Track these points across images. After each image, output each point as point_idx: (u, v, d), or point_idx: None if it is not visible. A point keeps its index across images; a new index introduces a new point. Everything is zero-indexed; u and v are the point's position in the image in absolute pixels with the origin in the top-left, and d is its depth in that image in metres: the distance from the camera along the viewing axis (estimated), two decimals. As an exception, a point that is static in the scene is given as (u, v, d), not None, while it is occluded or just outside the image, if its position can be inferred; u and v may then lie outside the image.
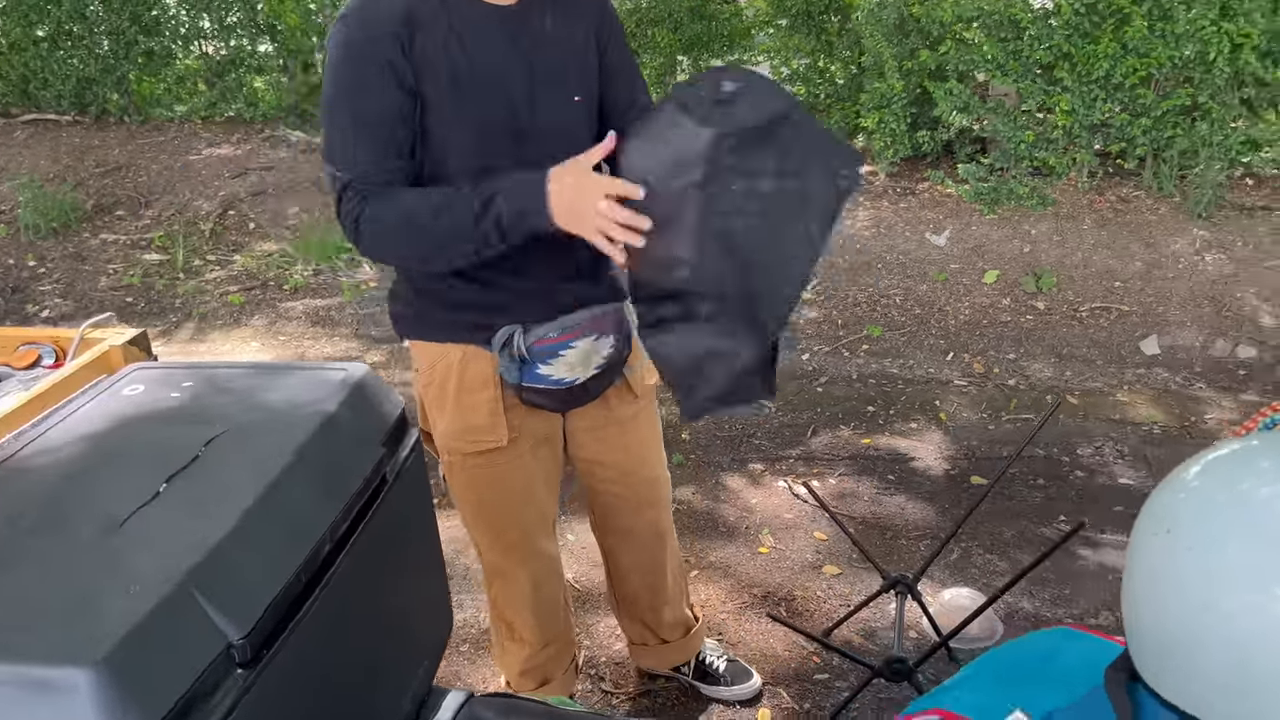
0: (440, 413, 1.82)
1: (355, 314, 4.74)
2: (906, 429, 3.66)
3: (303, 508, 0.99)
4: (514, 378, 1.75)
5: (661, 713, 2.48)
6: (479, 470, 1.87)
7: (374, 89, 1.54)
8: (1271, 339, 4.07)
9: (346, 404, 1.12)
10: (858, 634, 2.70)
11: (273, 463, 1.01)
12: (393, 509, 1.13)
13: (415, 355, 1.85)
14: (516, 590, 2.09)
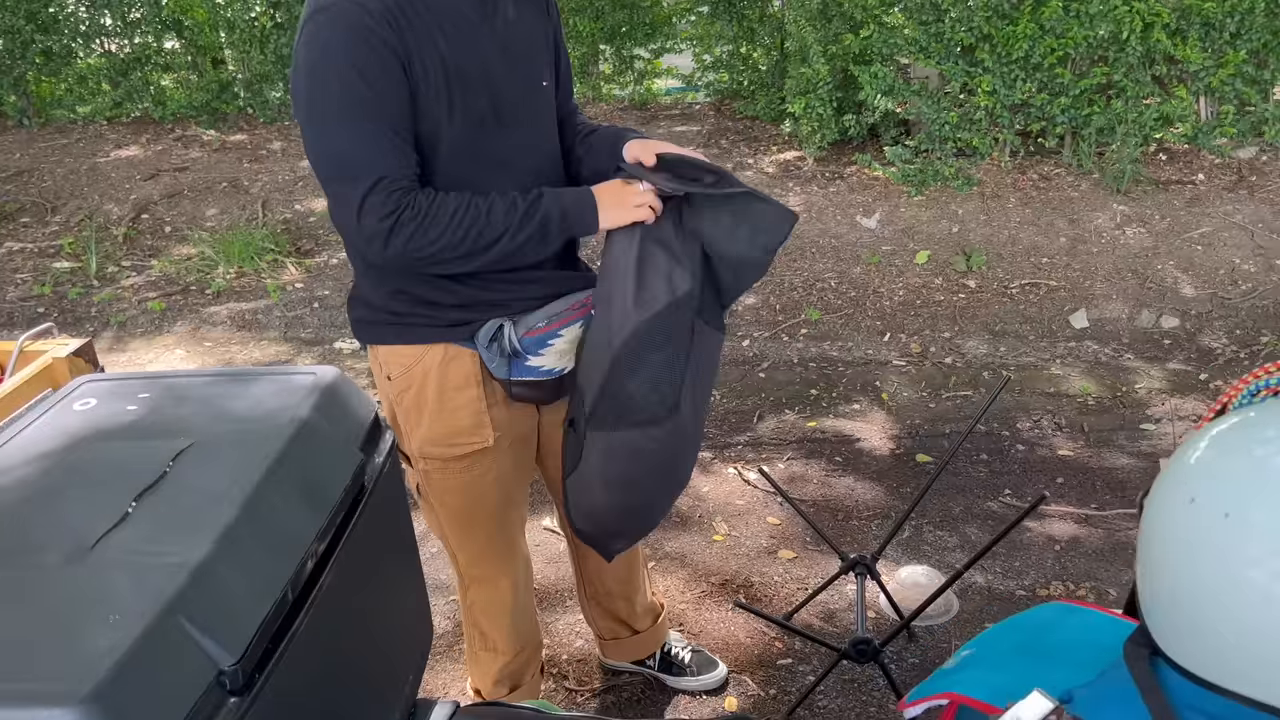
0: (418, 419, 1.76)
1: (283, 316, 4.60)
2: (850, 410, 3.69)
3: (285, 521, 0.94)
4: (503, 372, 1.71)
5: (629, 707, 2.45)
6: (460, 475, 1.81)
7: (385, 81, 1.47)
8: (1193, 309, 4.21)
9: (319, 409, 1.06)
10: (817, 617, 2.71)
11: (248, 475, 0.95)
12: (374, 517, 1.08)
13: (385, 361, 1.76)
14: (497, 597, 2.04)
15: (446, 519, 1.89)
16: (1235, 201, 4.75)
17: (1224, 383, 3.77)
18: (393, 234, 1.50)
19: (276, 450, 0.99)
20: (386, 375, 1.76)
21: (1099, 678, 0.90)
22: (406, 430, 1.78)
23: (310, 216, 5.32)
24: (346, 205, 1.50)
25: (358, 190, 1.48)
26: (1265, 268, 4.36)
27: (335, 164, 1.51)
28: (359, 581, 1.05)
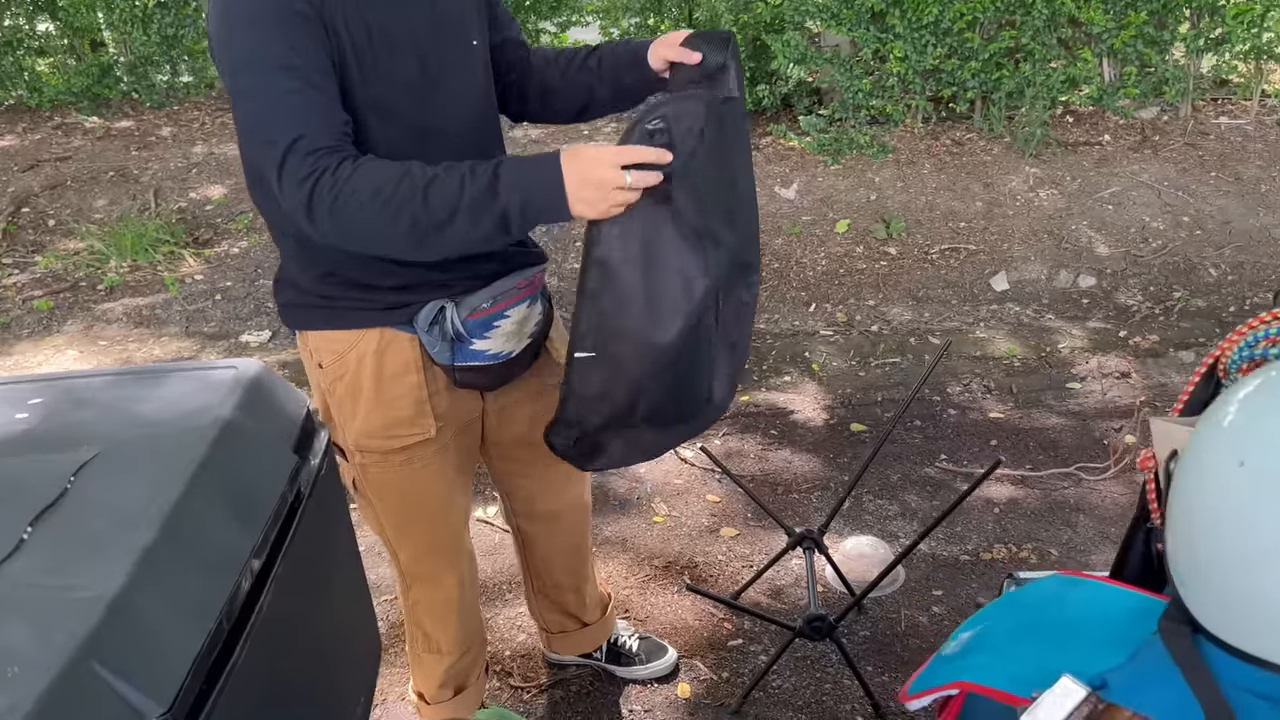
0: (353, 409, 1.62)
1: (184, 311, 4.35)
2: (781, 383, 3.64)
3: (213, 538, 0.81)
4: (445, 358, 1.59)
5: (579, 701, 2.36)
6: (400, 469, 1.68)
7: (304, 41, 1.34)
8: (1108, 267, 4.27)
9: (244, 408, 0.94)
10: (765, 594, 2.65)
11: (167, 487, 0.82)
12: (313, 525, 0.96)
13: (316, 348, 1.62)
14: (442, 596, 1.93)
15: (386, 515, 1.77)
16: (1141, 161, 4.84)
17: (1142, 339, 3.83)
18: (313, 201, 1.29)
19: (198, 457, 0.86)
20: (318, 363, 1.62)
21: (1131, 659, 0.83)
22: (340, 422, 1.64)
23: (207, 205, 5.04)
24: (269, 172, 1.33)
25: (275, 152, 1.31)
26: (1173, 225, 4.45)
27: (252, 125, 1.35)
28: (302, 600, 0.93)
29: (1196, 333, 3.87)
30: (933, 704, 1.03)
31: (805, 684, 2.39)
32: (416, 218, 1.31)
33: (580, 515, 2.11)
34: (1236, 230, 4.38)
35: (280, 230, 1.57)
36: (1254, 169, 4.74)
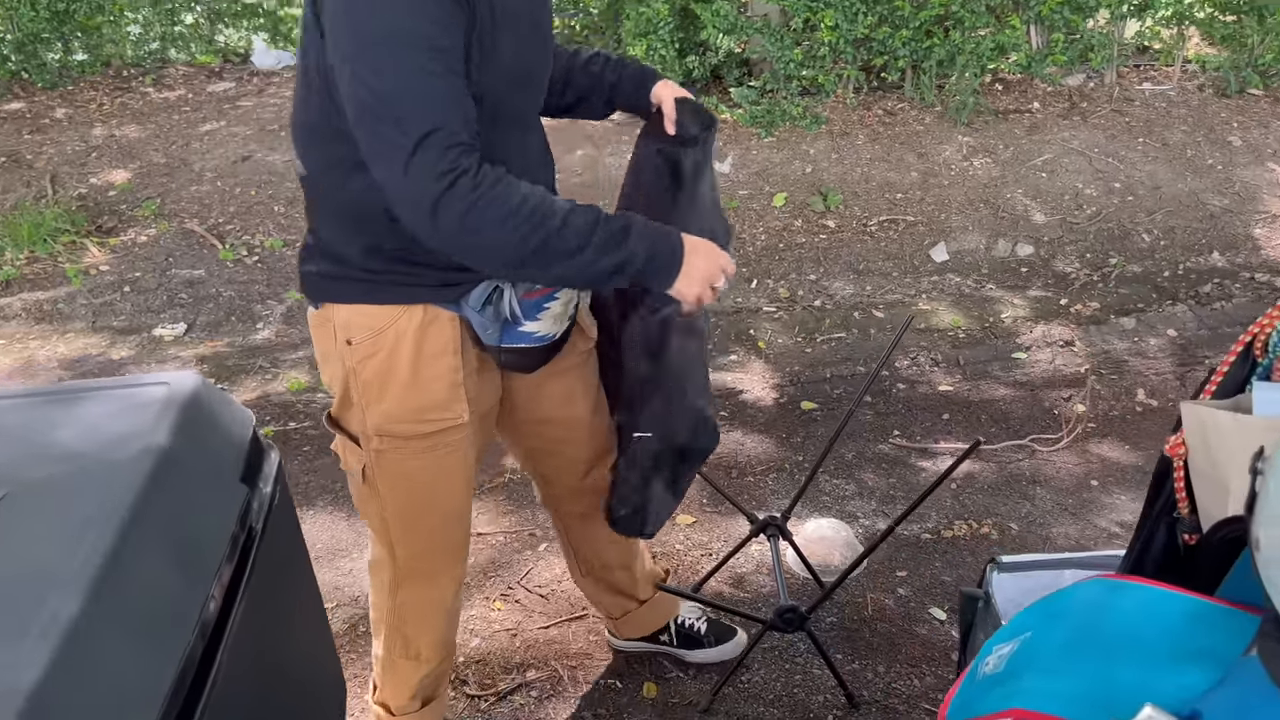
0: (381, 390, 1.54)
1: (89, 304, 4.08)
2: (729, 362, 3.55)
3: (157, 597, 0.67)
4: (494, 339, 1.56)
5: (540, 707, 2.24)
6: (421, 456, 1.60)
7: (452, 21, 1.26)
8: (1045, 235, 4.27)
9: (181, 431, 0.79)
10: (726, 583, 2.56)
11: (94, 538, 0.67)
12: (269, 566, 0.82)
13: (347, 323, 1.52)
14: (435, 596, 1.83)
15: (396, 506, 1.67)
16: (1070, 128, 4.85)
17: (1083, 306, 3.83)
18: (444, 200, 1.25)
19: (129, 497, 0.71)
20: (346, 339, 1.53)
21: (1223, 684, 0.74)
22: (362, 403, 1.56)
23: (110, 191, 4.74)
24: (390, 157, 1.25)
25: (406, 139, 1.23)
26: (1105, 191, 4.47)
27: (378, 101, 1.25)
28: (262, 654, 0.79)
29: (1134, 298, 3.89)
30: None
31: (775, 676, 2.31)
32: (548, 241, 1.32)
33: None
34: (1166, 195, 4.42)
35: (328, 196, 1.48)
36: (1179, 134, 4.79)
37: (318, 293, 1.55)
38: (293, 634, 0.92)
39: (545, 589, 2.57)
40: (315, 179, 1.49)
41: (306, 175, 1.49)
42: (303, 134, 1.46)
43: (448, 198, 1.25)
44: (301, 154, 1.48)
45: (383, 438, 1.58)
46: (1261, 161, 4.62)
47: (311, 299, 1.57)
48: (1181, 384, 3.40)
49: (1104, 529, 2.76)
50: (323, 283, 1.54)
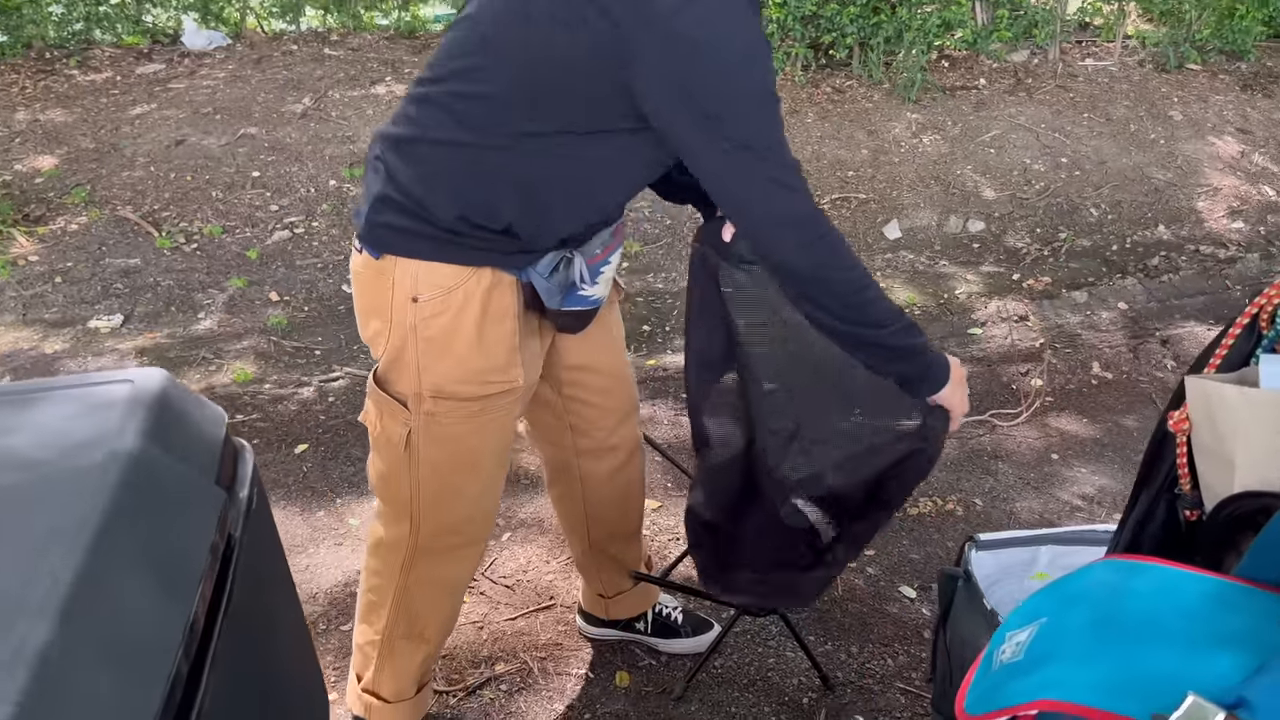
0: (444, 349, 1.56)
1: (19, 296, 3.90)
2: (683, 345, 3.50)
3: (136, 617, 0.60)
4: (556, 302, 1.61)
5: (511, 700, 2.19)
6: (471, 420, 1.62)
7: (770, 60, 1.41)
8: (995, 211, 4.29)
9: (151, 434, 0.72)
10: (694, 567, 2.52)
11: (62, 556, 0.61)
12: (251, 576, 0.76)
13: (418, 279, 1.55)
14: (454, 572, 1.82)
15: (434, 473, 1.67)
16: (1017, 104, 4.88)
17: (1035, 281, 3.86)
18: (824, 236, 1.43)
19: (98, 508, 0.64)
20: (412, 296, 1.55)
21: (1263, 669, 0.72)
22: (420, 364, 1.58)
23: (36, 178, 4.54)
24: (776, 190, 1.40)
25: (790, 173, 1.41)
26: (1053, 166, 4.50)
27: (764, 146, 1.38)
28: (248, 672, 0.73)
29: (1085, 273, 3.93)
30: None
31: (748, 660, 2.29)
32: (878, 300, 1.50)
33: (637, 452, 2.07)
34: (1112, 170, 4.47)
35: (468, 163, 1.49)
36: (1122, 109, 4.84)
37: (385, 244, 1.55)
38: (277, 647, 0.86)
39: (511, 579, 2.52)
40: (451, 145, 1.49)
41: (424, 138, 1.51)
42: (460, 102, 1.48)
43: (826, 232, 1.44)
44: (440, 119, 1.49)
45: (437, 399, 1.59)
46: (1202, 135, 4.69)
47: (375, 248, 1.56)
48: (1135, 356, 3.44)
49: (1067, 502, 2.78)
50: (395, 236, 1.54)
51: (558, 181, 1.52)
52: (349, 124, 4.79)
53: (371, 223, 1.55)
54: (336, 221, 4.19)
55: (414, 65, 5.33)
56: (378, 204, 1.55)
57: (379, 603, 1.83)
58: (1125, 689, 0.78)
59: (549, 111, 1.46)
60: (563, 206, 1.56)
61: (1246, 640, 0.82)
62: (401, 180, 1.54)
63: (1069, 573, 0.98)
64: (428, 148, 1.53)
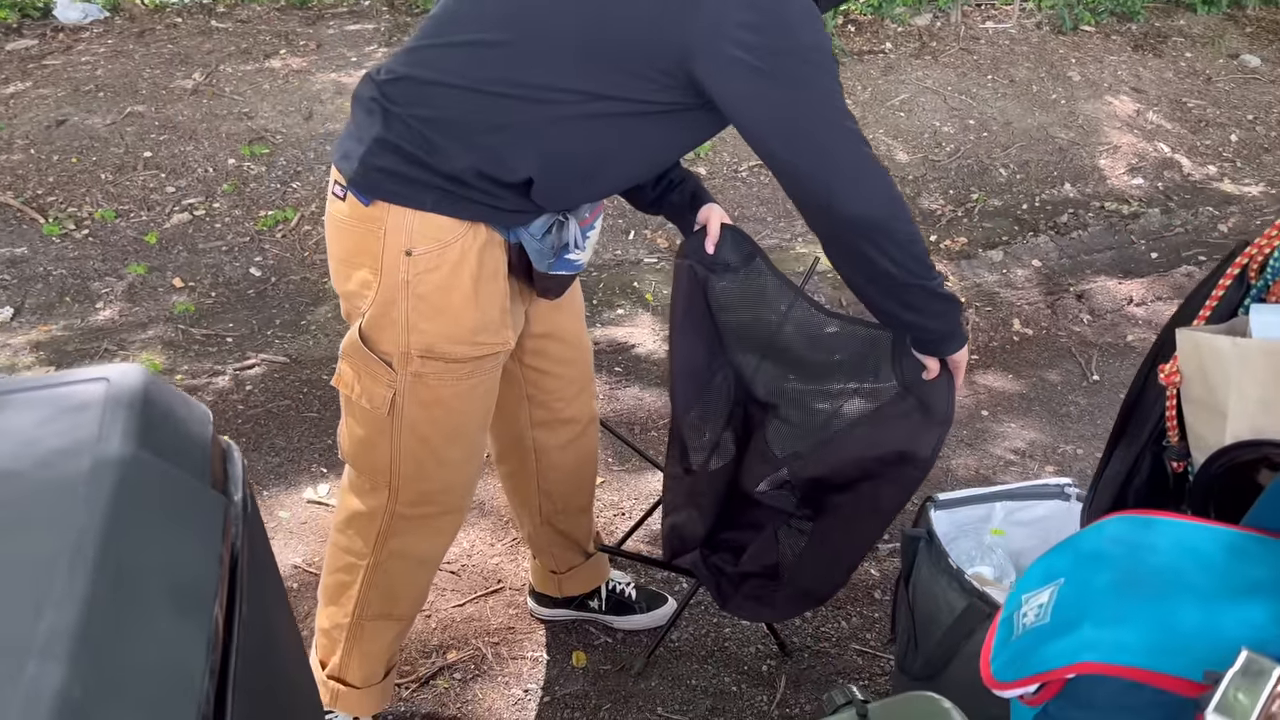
0: (438, 306, 1.51)
1: (-107, 292, 3.62)
2: (616, 317, 3.46)
3: (154, 646, 0.54)
4: (546, 265, 1.58)
5: (467, 688, 2.13)
6: (460, 382, 1.59)
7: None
8: (909, 174, 4.34)
9: (138, 438, 0.65)
10: (643, 541, 2.50)
11: (65, 580, 0.53)
12: (257, 588, 0.69)
13: (412, 231, 1.48)
14: (432, 544, 1.78)
15: (418, 438, 1.61)
16: (923, 68, 4.95)
17: (951, 242, 3.92)
18: (915, 246, 1.49)
19: (94, 524, 0.57)
20: (405, 250, 1.48)
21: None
22: (409, 321, 1.52)
23: (-98, 163, 4.21)
24: (864, 143, 1.45)
25: (870, 159, 1.45)
26: (962, 128, 4.58)
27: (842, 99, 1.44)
28: (264, 689, 0.66)
29: (999, 232, 4.02)
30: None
31: (704, 631, 2.27)
32: (927, 251, 1.53)
33: (593, 425, 2.05)
34: (1018, 130, 4.57)
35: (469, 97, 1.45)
36: (1024, 70, 4.95)
37: (381, 190, 1.48)
38: (283, 656, 0.79)
39: (455, 564, 2.45)
40: (478, 93, 1.45)
41: (443, 82, 1.46)
42: (494, 50, 1.45)
43: (916, 238, 1.50)
44: (467, 65, 1.46)
45: (426, 359, 1.54)
46: (1100, 95, 4.83)
47: (367, 193, 1.48)
48: (1052, 312, 3.53)
49: (1000, 457, 2.84)
50: (394, 182, 1.47)
51: (589, 146, 1.50)
52: (244, 100, 4.58)
53: (367, 165, 1.47)
54: (239, 202, 4.00)
55: (309, 37, 5.13)
56: (376, 147, 1.48)
57: (349, 582, 1.75)
58: (1167, 648, 0.78)
59: (596, 73, 1.43)
60: (587, 172, 1.53)
61: (1271, 589, 0.82)
62: (408, 123, 1.47)
63: (1078, 531, 0.98)
64: (447, 92, 1.47)
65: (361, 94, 1.54)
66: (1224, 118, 4.81)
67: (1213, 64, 5.16)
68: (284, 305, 3.48)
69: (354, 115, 1.55)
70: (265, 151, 4.20)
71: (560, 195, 1.55)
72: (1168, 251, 3.91)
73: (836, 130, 1.42)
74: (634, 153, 1.56)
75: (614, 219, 4.10)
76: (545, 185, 1.51)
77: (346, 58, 5.04)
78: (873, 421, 1.81)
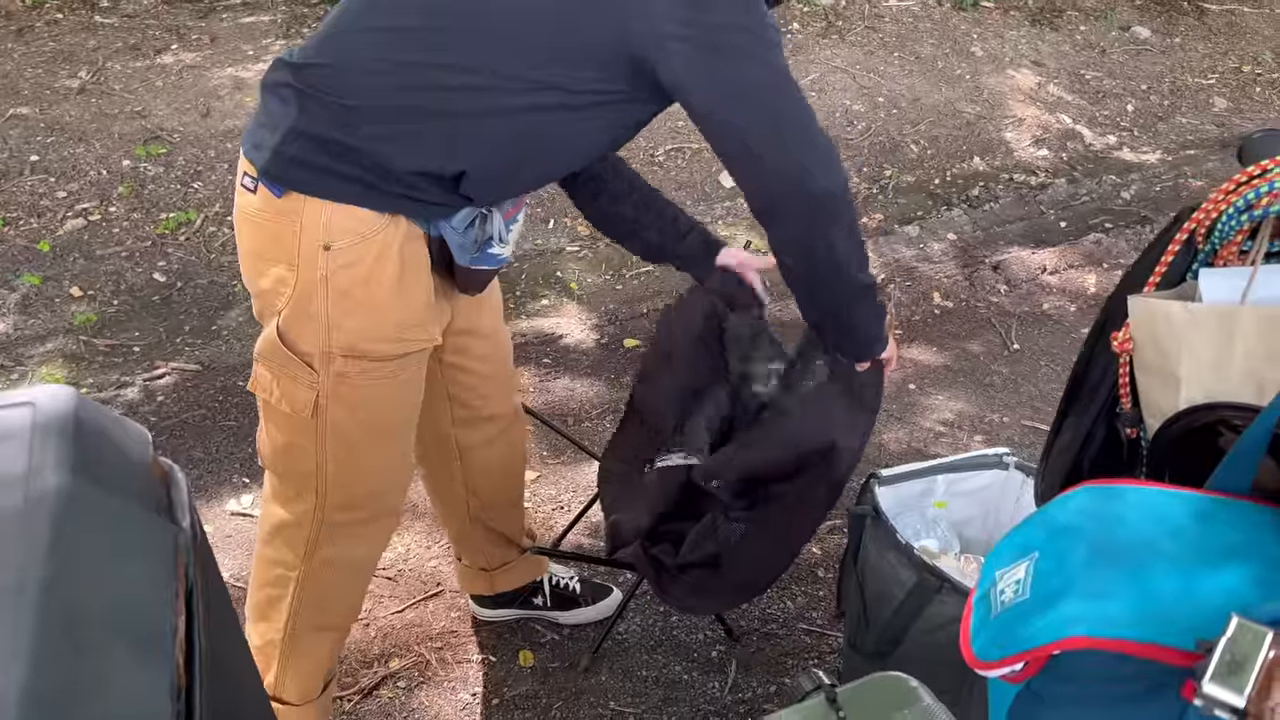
0: (363, 302, 1.45)
1: None
2: (541, 307, 3.41)
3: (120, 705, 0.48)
4: (468, 259, 1.54)
5: (412, 696, 2.08)
6: (386, 381, 1.53)
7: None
8: (824, 153, 4.37)
9: (75, 468, 0.59)
10: (584, 535, 2.47)
11: (7, 633, 0.48)
12: (214, 622, 0.64)
13: (329, 224, 1.42)
14: (366, 551, 1.72)
15: (344, 441, 1.54)
16: (831, 47, 4.98)
17: (869, 219, 3.96)
18: (854, 236, 1.49)
19: (35, 566, 0.51)
20: (324, 243, 1.42)
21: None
22: (330, 319, 1.45)
23: None
24: (812, 160, 1.42)
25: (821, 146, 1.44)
26: (872, 106, 4.63)
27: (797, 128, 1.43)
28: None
29: (913, 207, 4.07)
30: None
31: (651, 621, 2.25)
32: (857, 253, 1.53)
33: (520, 421, 2.02)
34: (926, 106, 4.63)
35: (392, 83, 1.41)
36: (929, 47, 5.02)
37: (296, 181, 1.41)
38: (244, 689, 0.74)
39: (391, 570, 2.38)
40: (405, 78, 1.40)
41: (360, 68, 1.40)
42: (415, 37, 1.40)
43: (855, 232, 1.50)
44: (385, 49, 1.41)
45: (349, 358, 1.48)
46: (1002, 70, 4.93)
47: (280, 185, 1.41)
48: (970, 284, 3.60)
49: (930, 429, 2.88)
50: (310, 173, 1.40)
51: (521, 138, 1.45)
52: (136, 98, 4.38)
53: (281, 155, 1.40)
54: (137, 205, 3.82)
55: (201, 31, 4.93)
56: (291, 135, 1.40)
57: (280, 595, 1.68)
58: (1152, 618, 0.77)
59: (529, 62, 1.39)
60: (517, 164, 1.49)
61: (1245, 552, 0.83)
62: (326, 111, 1.40)
63: (1046, 505, 0.97)
64: (369, 79, 1.41)
65: (273, 80, 1.46)
66: (1120, 88, 4.96)
67: (1106, 36, 5.31)
68: (192, 310, 3.34)
69: (265, 103, 1.47)
70: (162, 151, 4.03)
71: (490, 188, 1.50)
72: (1076, 220, 4.02)
73: (795, 102, 1.42)
74: (567, 144, 1.53)
75: (533, 207, 4.03)
76: (474, 178, 1.46)
77: (243, 51, 4.86)
78: (805, 410, 1.82)
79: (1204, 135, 4.73)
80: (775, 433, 1.82)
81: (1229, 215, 1.00)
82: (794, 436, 1.79)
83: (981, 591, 0.93)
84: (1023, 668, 0.85)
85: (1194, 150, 4.60)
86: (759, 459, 1.83)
